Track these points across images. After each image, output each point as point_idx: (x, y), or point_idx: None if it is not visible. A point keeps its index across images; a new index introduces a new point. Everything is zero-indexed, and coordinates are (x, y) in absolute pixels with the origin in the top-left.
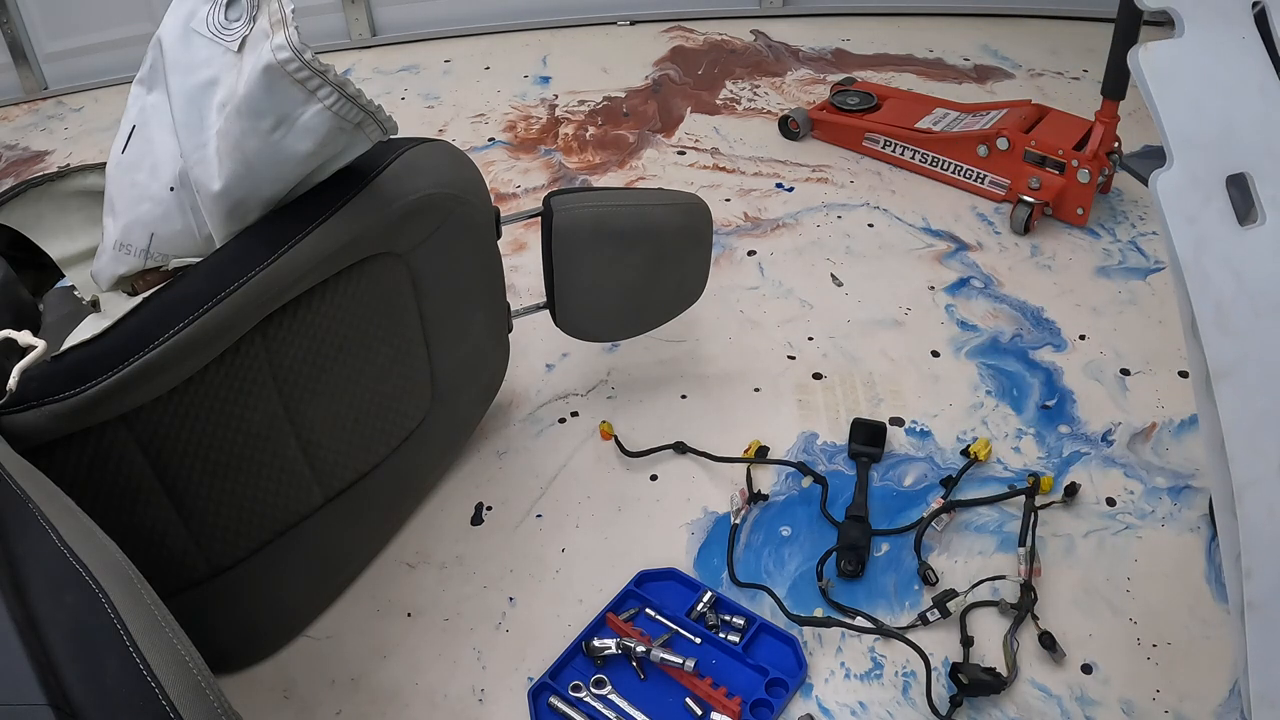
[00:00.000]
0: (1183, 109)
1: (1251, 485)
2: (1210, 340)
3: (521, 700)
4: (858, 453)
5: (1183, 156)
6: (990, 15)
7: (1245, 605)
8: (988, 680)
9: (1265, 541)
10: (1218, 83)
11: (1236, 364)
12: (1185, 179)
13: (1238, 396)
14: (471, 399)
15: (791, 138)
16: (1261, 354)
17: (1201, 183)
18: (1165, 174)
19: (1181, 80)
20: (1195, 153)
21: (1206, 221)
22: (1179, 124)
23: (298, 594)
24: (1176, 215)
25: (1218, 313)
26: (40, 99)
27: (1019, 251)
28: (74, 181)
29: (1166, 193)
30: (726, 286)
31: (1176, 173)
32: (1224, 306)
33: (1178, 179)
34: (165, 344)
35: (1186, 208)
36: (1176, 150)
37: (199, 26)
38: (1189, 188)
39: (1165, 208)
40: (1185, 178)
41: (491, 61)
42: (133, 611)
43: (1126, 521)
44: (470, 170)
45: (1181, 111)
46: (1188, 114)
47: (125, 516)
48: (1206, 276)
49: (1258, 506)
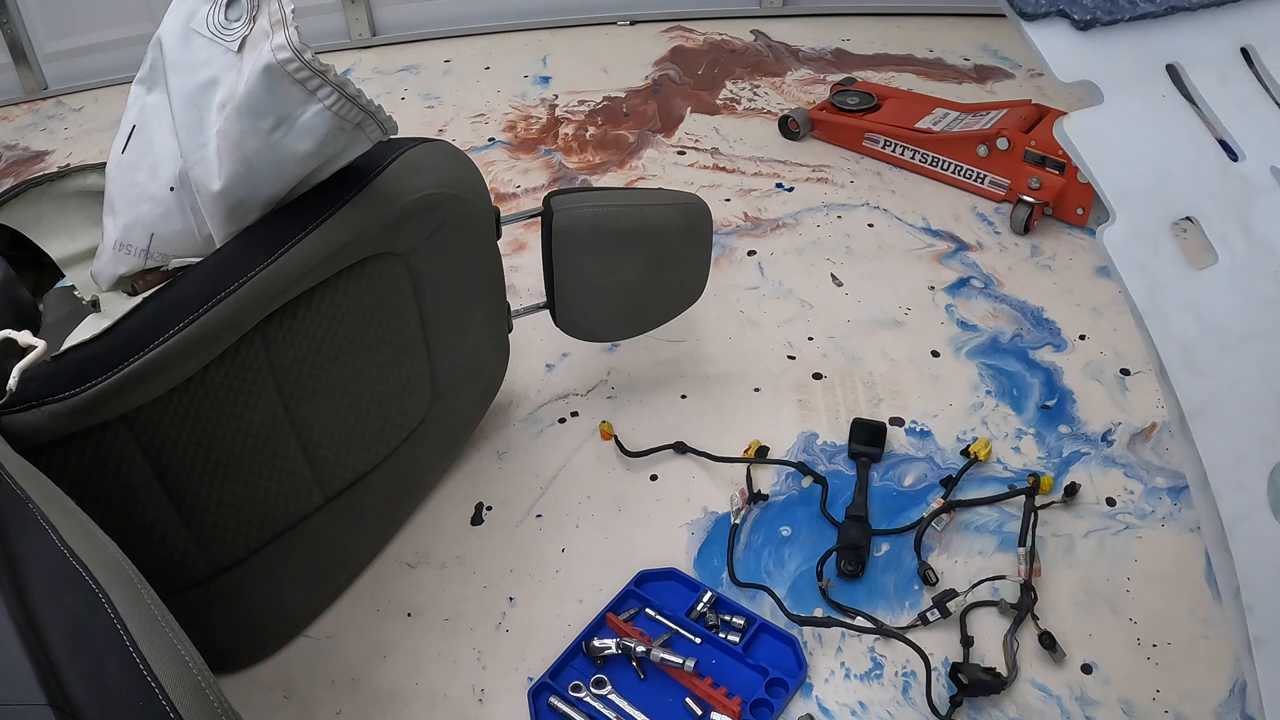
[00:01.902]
0: (1115, 167)
1: (1241, 520)
2: (1180, 381)
3: (521, 700)
4: (858, 453)
5: (1124, 210)
6: (990, 15)
7: (1252, 641)
8: (988, 680)
9: (1263, 575)
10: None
11: (1209, 402)
12: (1130, 230)
13: (1215, 434)
14: (471, 399)
15: (791, 138)
16: (1232, 390)
17: (1147, 232)
18: (1110, 228)
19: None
20: (1136, 205)
21: (1158, 268)
22: (1114, 181)
23: (298, 594)
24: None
25: (1183, 354)
26: (40, 99)
27: (1019, 251)
28: (74, 181)
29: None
30: (726, 286)
31: (1121, 225)
32: (1188, 347)
33: (1123, 230)
34: (165, 344)
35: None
36: (1117, 205)
37: (199, 26)
38: (1135, 238)
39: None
40: (1130, 229)
41: (491, 61)
42: (133, 611)
43: (1126, 521)
44: (470, 170)
45: (1114, 169)
46: (1121, 171)
47: (125, 516)
48: (1166, 320)
49: (1251, 541)
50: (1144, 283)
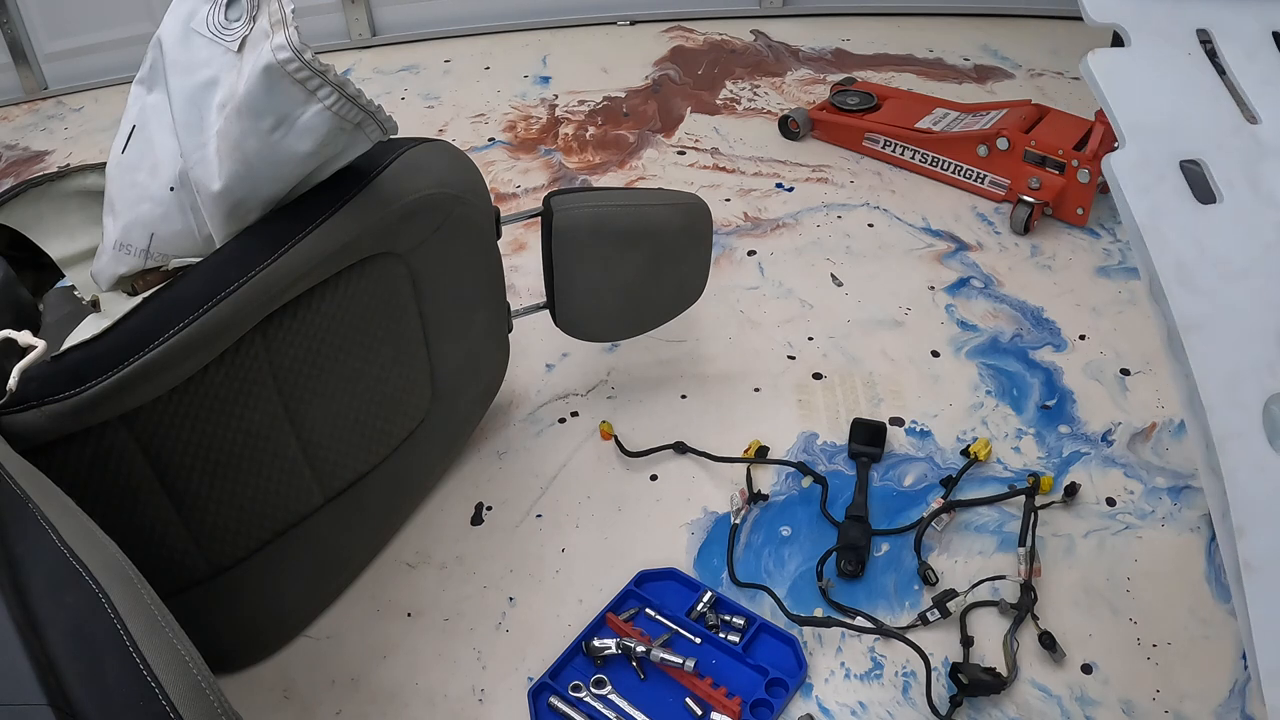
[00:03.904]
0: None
1: (1233, 438)
2: (1175, 296)
3: (521, 700)
4: (858, 453)
5: (1134, 139)
6: (990, 15)
7: (1242, 567)
8: (988, 680)
9: (1253, 495)
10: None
11: (1206, 318)
12: (1138, 157)
13: (1210, 349)
14: (471, 399)
15: (791, 138)
16: (1231, 311)
17: (1154, 162)
18: (1118, 154)
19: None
20: (1146, 136)
21: (1161, 194)
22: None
23: (298, 594)
24: (1131, 187)
25: (1180, 271)
26: (40, 99)
27: (1019, 251)
28: (74, 181)
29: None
30: (726, 286)
31: (1130, 152)
32: (1186, 266)
33: (1131, 157)
34: (165, 344)
35: (1140, 181)
36: (1128, 134)
37: (199, 26)
38: (1141, 165)
39: (1120, 180)
40: (1138, 156)
41: (491, 61)
42: (133, 611)
43: (1126, 521)
44: (470, 170)
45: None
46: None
47: (125, 516)
48: (1164, 239)
49: (1241, 459)
50: (1146, 204)
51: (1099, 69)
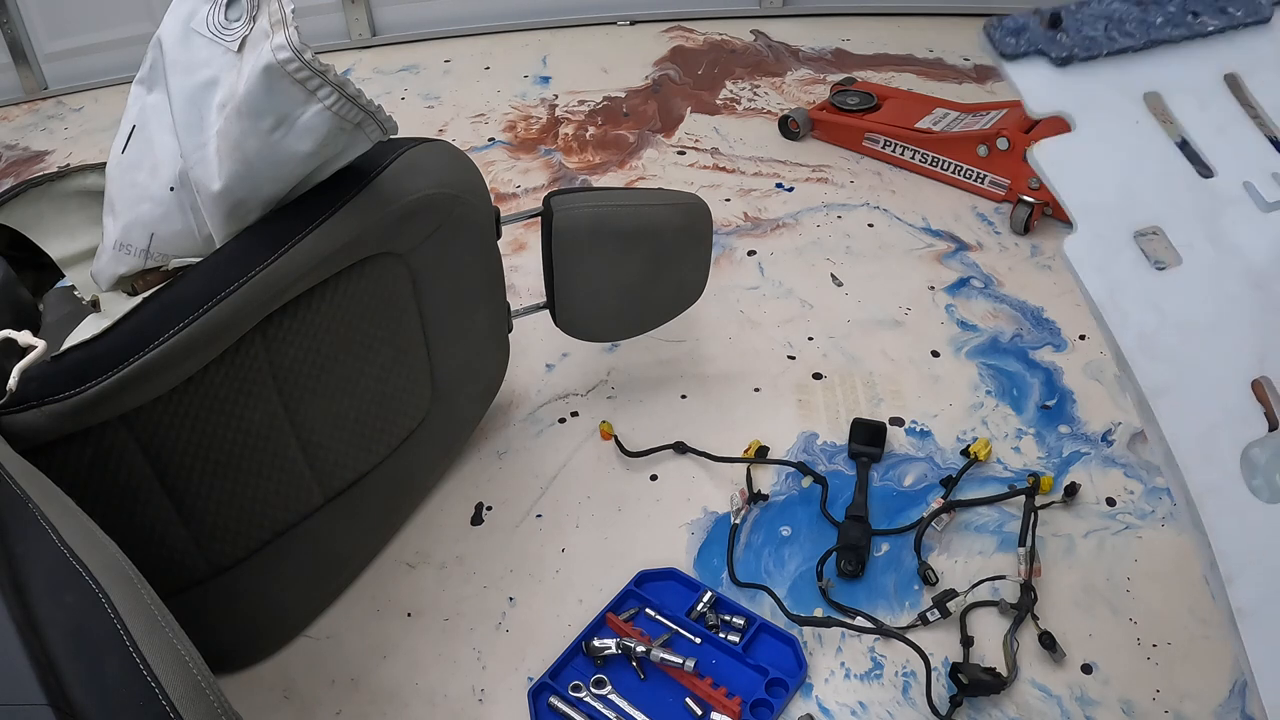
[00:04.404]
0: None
1: (1211, 493)
2: (1139, 365)
3: (521, 700)
4: (858, 453)
5: (1085, 221)
6: (990, 15)
7: (1235, 614)
8: (988, 680)
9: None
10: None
11: (1172, 383)
12: (1091, 237)
13: (1179, 410)
14: (471, 399)
15: (791, 138)
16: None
17: (1107, 239)
18: (1071, 239)
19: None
20: (1098, 216)
21: (1118, 270)
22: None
23: (298, 594)
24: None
25: (1142, 340)
26: (40, 99)
27: (1019, 251)
28: (74, 181)
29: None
30: (726, 286)
31: (1083, 234)
32: (1148, 335)
33: (1085, 238)
34: (165, 344)
35: (1095, 261)
36: (1079, 217)
37: (199, 26)
38: (1095, 244)
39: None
40: (1091, 236)
41: (491, 61)
42: (133, 611)
43: (1126, 521)
44: (470, 170)
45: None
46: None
47: (125, 516)
48: (1124, 314)
49: (1221, 512)
50: (1103, 282)
51: (1044, 159)
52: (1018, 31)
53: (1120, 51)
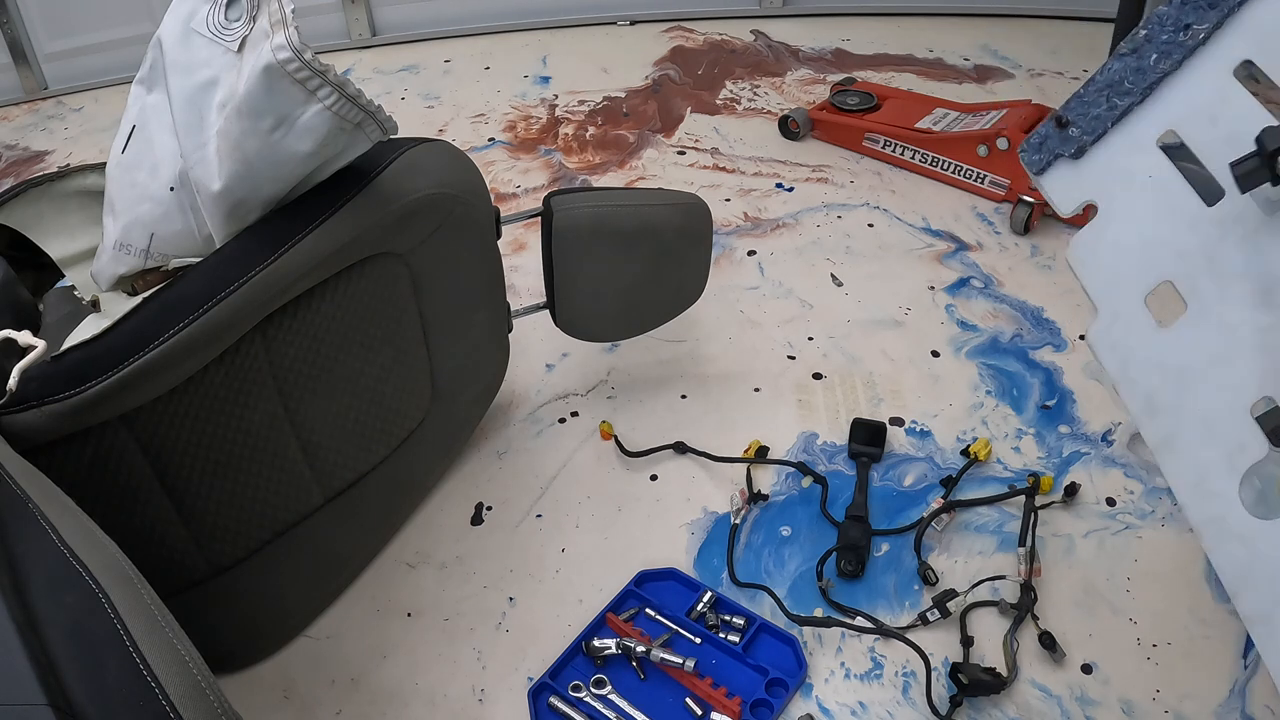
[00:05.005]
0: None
1: (1210, 523)
2: (1145, 425)
3: (521, 700)
4: (858, 453)
5: (1104, 305)
6: (990, 15)
7: (1246, 622)
8: (988, 680)
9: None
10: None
11: (1171, 434)
12: (1109, 319)
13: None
14: (471, 399)
15: (791, 138)
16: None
17: (1121, 314)
18: (1093, 326)
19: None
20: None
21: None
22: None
23: (298, 594)
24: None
25: (1147, 402)
26: (40, 99)
27: (1019, 251)
28: (74, 181)
29: (1095, 338)
30: (726, 286)
31: (1102, 318)
32: (1153, 394)
33: (1104, 322)
34: (165, 344)
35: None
36: (1100, 303)
37: (199, 26)
38: (1111, 324)
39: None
40: (1109, 318)
41: (491, 61)
42: (133, 611)
43: (1126, 521)
44: (470, 170)
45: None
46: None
47: (125, 516)
48: (1133, 382)
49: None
50: (1117, 359)
51: (1077, 260)
52: (1040, 145)
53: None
